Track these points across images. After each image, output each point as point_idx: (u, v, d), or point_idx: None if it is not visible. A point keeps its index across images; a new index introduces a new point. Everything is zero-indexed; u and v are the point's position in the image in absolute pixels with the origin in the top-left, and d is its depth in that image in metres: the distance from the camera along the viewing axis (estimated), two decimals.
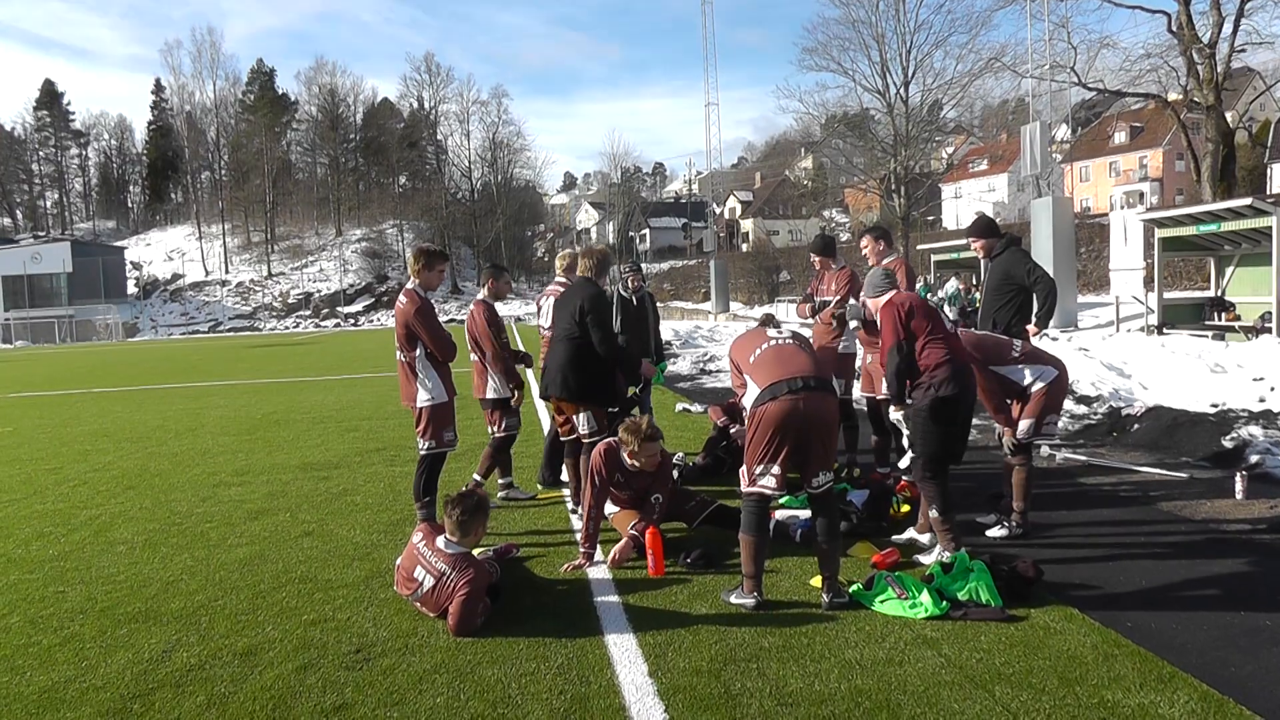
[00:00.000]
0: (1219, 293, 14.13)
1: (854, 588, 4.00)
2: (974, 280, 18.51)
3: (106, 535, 5.76)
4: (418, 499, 5.27)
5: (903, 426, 4.56)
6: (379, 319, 66.66)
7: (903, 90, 37.22)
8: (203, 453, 9.01)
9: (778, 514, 5.00)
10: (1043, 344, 5.62)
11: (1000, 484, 5.50)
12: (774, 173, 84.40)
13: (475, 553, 4.20)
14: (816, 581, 4.09)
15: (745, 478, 3.98)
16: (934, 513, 4.42)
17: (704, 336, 24.32)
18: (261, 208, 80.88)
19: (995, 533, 4.97)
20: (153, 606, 4.31)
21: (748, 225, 79.70)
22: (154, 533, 5.77)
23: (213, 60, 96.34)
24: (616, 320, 6.85)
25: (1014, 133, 48.09)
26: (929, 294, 20.53)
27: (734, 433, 6.87)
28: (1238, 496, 5.56)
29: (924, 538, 4.80)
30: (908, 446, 4.60)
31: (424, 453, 5.24)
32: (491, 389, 6.01)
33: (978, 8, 50.64)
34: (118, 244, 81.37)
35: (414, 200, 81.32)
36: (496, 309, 6.15)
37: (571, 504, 5.87)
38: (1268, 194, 30.86)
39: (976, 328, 5.81)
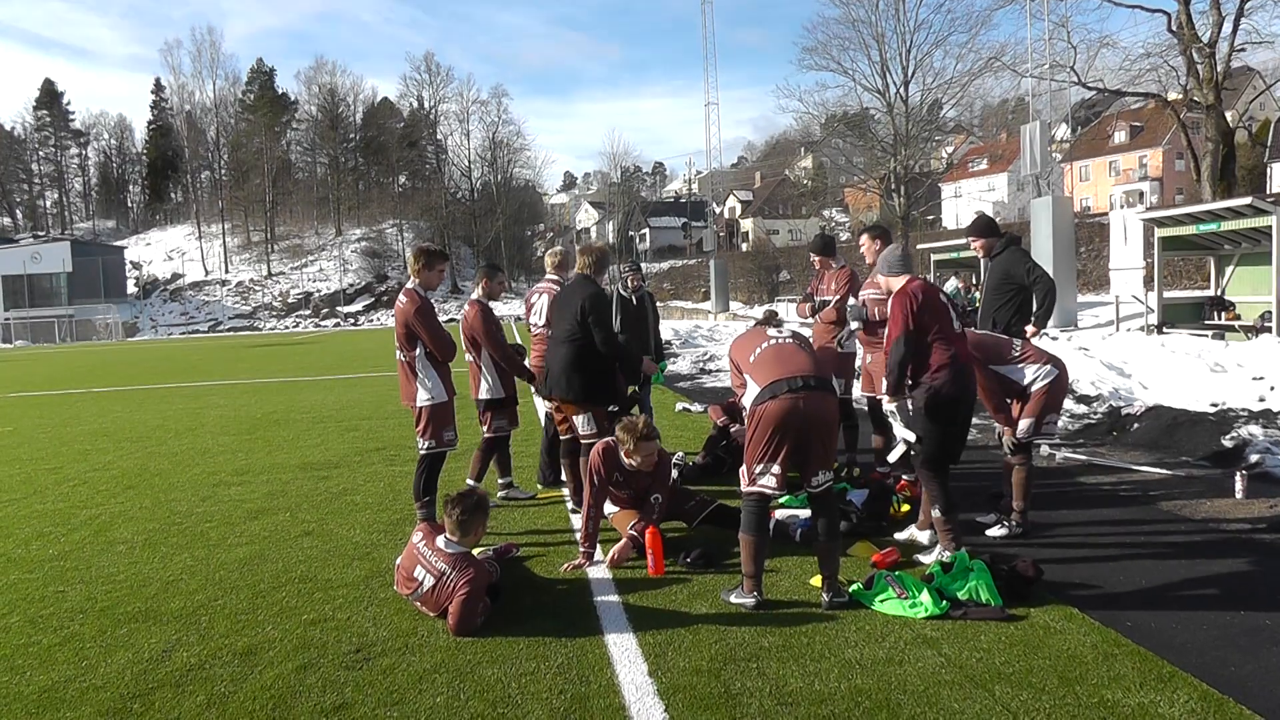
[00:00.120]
0: (1219, 292, 14.12)
1: (854, 587, 4.00)
2: (974, 280, 18.50)
3: (106, 535, 5.77)
4: (417, 498, 5.27)
5: (894, 419, 4.52)
6: (379, 319, 66.66)
7: (902, 90, 37.30)
8: (202, 452, 9.02)
9: (778, 514, 5.00)
10: (1042, 343, 5.61)
11: (1000, 484, 5.50)
12: (774, 172, 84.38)
13: (475, 552, 4.21)
14: (816, 581, 4.09)
15: (745, 477, 3.98)
16: (936, 512, 4.42)
17: (704, 336, 24.31)
18: (261, 207, 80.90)
19: (995, 532, 4.97)
20: (153, 606, 4.31)
21: (748, 225, 79.70)
22: (154, 532, 5.78)
23: (213, 60, 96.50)
24: (616, 320, 6.85)
25: (1014, 132, 48.13)
26: None
27: (734, 432, 6.87)
28: (1238, 496, 5.56)
29: (924, 535, 4.80)
30: (897, 438, 4.55)
31: (424, 452, 5.24)
32: (485, 389, 5.98)
33: (977, 7, 50.86)
34: (117, 244, 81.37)
35: (414, 200, 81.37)
36: (492, 309, 6.13)
37: (571, 504, 5.87)
38: (1267, 193, 30.82)
39: (976, 327, 5.81)
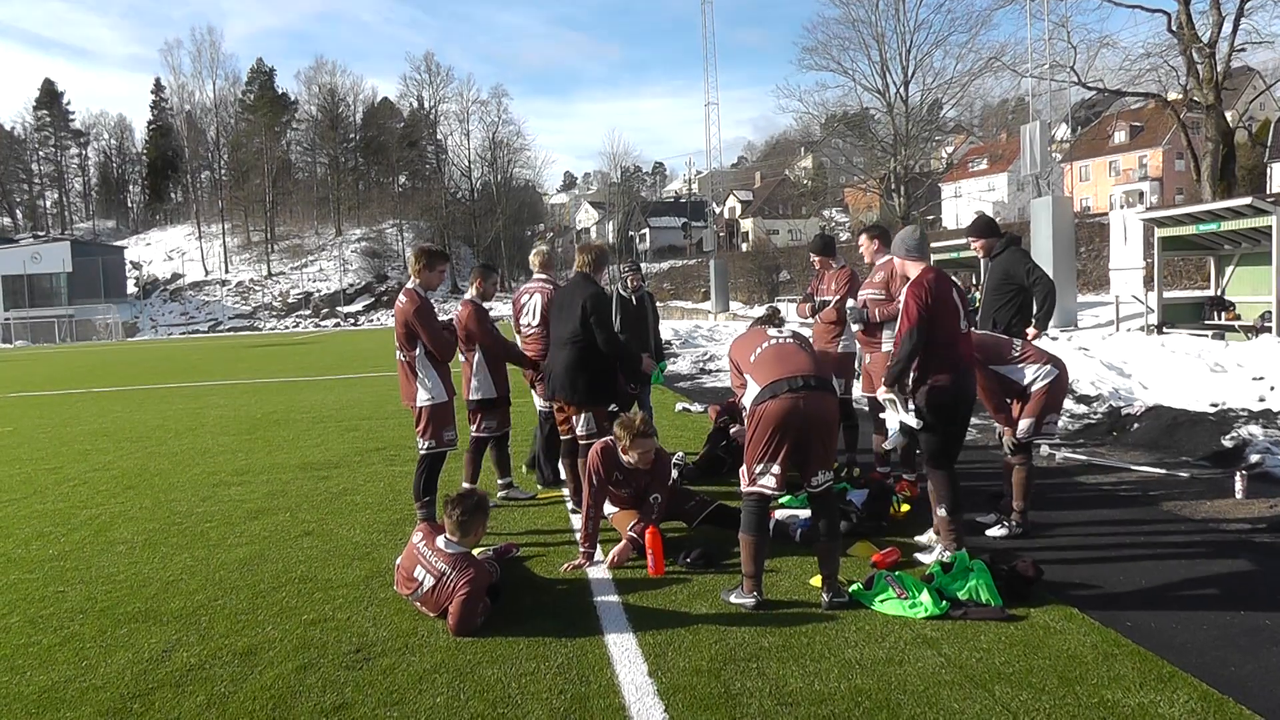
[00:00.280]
0: (1219, 292, 14.12)
1: (854, 587, 4.00)
2: (974, 280, 18.49)
3: (106, 535, 5.77)
4: (417, 499, 5.27)
5: (891, 408, 4.45)
6: (379, 319, 66.67)
7: (902, 90, 37.38)
8: (202, 452, 9.02)
9: (778, 514, 4.99)
10: (1042, 344, 5.61)
11: (1000, 484, 5.50)
12: (774, 172, 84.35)
13: (475, 552, 4.21)
14: (816, 581, 4.09)
15: (745, 477, 3.98)
16: (941, 511, 4.41)
17: (704, 336, 24.30)
18: (261, 207, 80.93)
19: (995, 532, 4.97)
20: (152, 606, 4.31)
21: (747, 225, 79.69)
22: (154, 532, 5.78)
23: (212, 60, 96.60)
24: (616, 320, 6.85)
25: (1014, 132, 48.11)
26: None
27: (734, 432, 6.87)
28: (1238, 496, 5.56)
29: (930, 537, 4.77)
30: (890, 428, 4.50)
31: (424, 452, 5.24)
32: (474, 390, 5.99)
33: (977, 7, 50.90)
34: (117, 244, 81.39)
35: (414, 200, 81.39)
36: (485, 309, 6.14)
37: (571, 504, 5.87)
38: (1267, 193, 30.82)
39: (976, 327, 5.81)
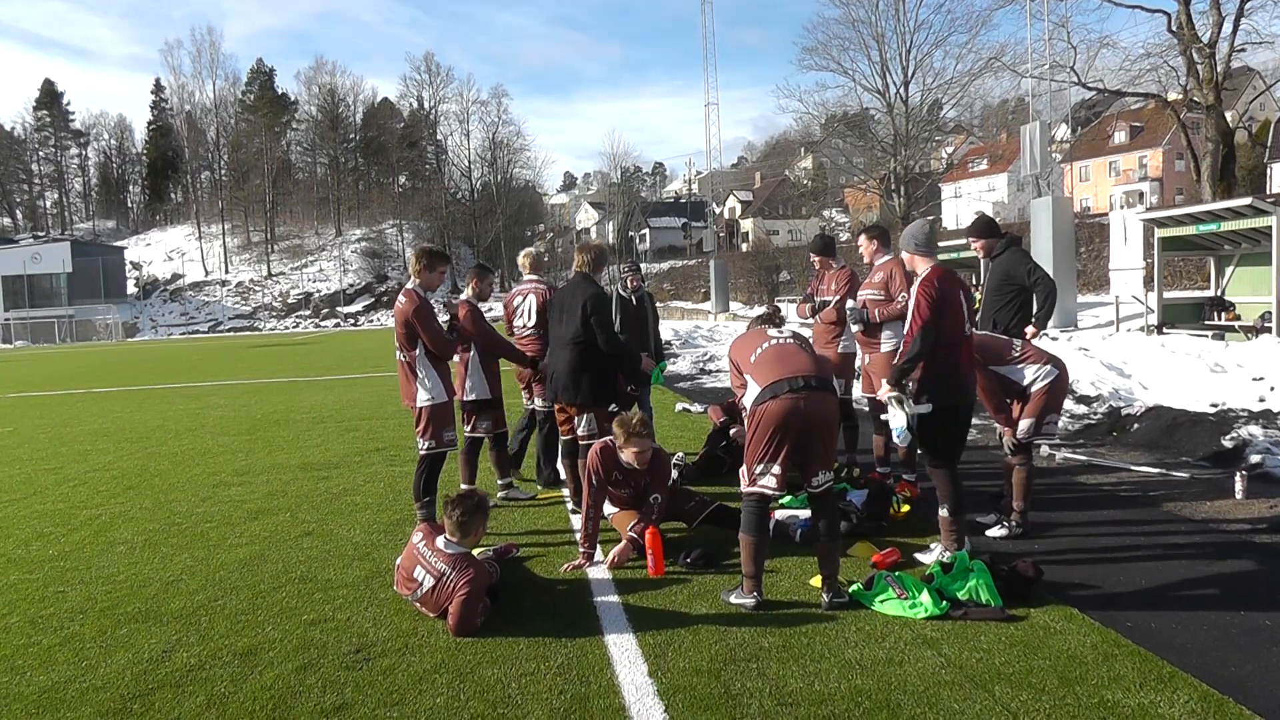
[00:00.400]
0: (1219, 292, 14.11)
1: (854, 588, 4.00)
2: (974, 280, 18.49)
3: (106, 535, 5.77)
4: (418, 499, 5.27)
5: (895, 407, 4.39)
6: (379, 319, 66.65)
7: (902, 90, 37.34)
8: (203, 453, 9.02)
9: (778, 514, 5.00)
10: (1042, 344, 5.61)
11: (1000, 484, 5.50)
12: (774, 173, 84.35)
13: (475, 553, 4.21)
14: (816, 581, 4.09)
15: (745, 477, 3.98)
16: (944, 511, 4.40)
17: (704, 336, 24.30)
18: (261, 208, 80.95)
19: (995, 533, 4.97)
20: (153, 606, 4.31)
21: (747, 225, 79.69)
22: (154, 533, 5.78)
23: (212, 60, 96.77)
24: (616, 320, 6.86)
25: (1014, 132, 48.10)
26: None
27: (734, 433, 6.87)
28: (1238, 496, 5.56)
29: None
30: (895, 426, 4.42)
31: (424, 453, 5.24)
32: (469, 391, 6.00)
33: (977, 7, 50.77)
34: (117, 244, 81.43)
35: (414, 200, 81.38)
36: (481, 309, 6.18)
37: (571, 504, 5.87)
38: (1267, 194, 30.82)
39: (977, 328, 5.81)
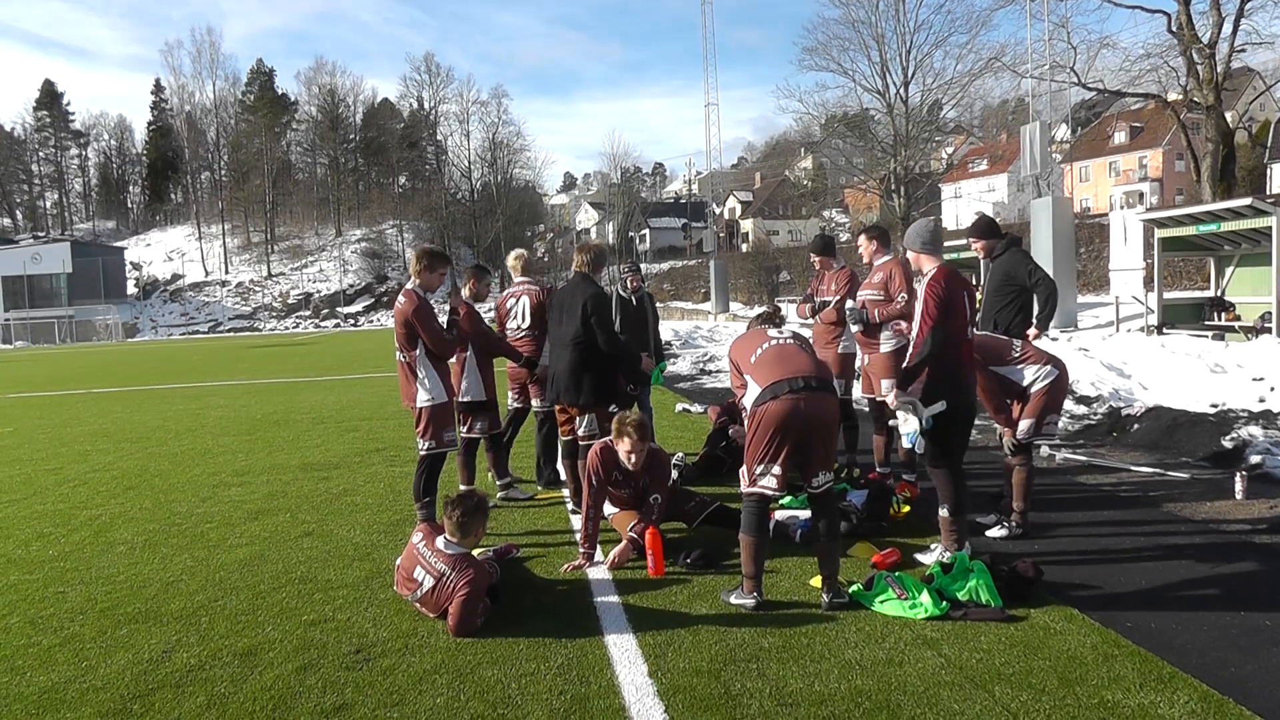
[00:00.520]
0: (1219, 293, 14.11)
1: (854, 588, 4.00)
2: (974, 280, 18.52)
3: (106, 536, 5.77)
4: (417, 499, 5.27)
5: (906, 412, 4.34)
6: (379, 319, 66.64)
7: (903, 90, 37.31)
8: (203, 453, 9.02)
9: (778, 514, 5.00)
10: (1042, 344, 5.61)
11: (1001, 484, 5.50)
12: (774, 173, 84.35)
13: (475, 553, 4.21)
14: (816, 582, 4.09)
15: (745, 478, 3.98)
16: (944, 511, 4.39)
17: (704, 336, 24.30)
18: (261, 208, 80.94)
19: (995, 533, 4.97)
20: (153, 607, 4.31)
21: (747, 225, 79.69)
22: (154, 533, 5.78)
23: (212, 60, 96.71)
24: (616, 320, 6.86)
25: (1014, 133, 48.07)
26: None
27: (733, 433, 6.87)
28: (1238, 496, 5.56)
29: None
30: (908, 429, 4.37)
31: (424, 453, 5.24)
32: (465, 391, 6.01)
33: (978, 8, 50.60)
34: (117, 244, 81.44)
35: (414, 200, 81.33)
36: (478, 310, 6.19)
37: (571, 505, 5.87)
38: (1267, 194, 30.84)
39: (977, 328, 5.80)
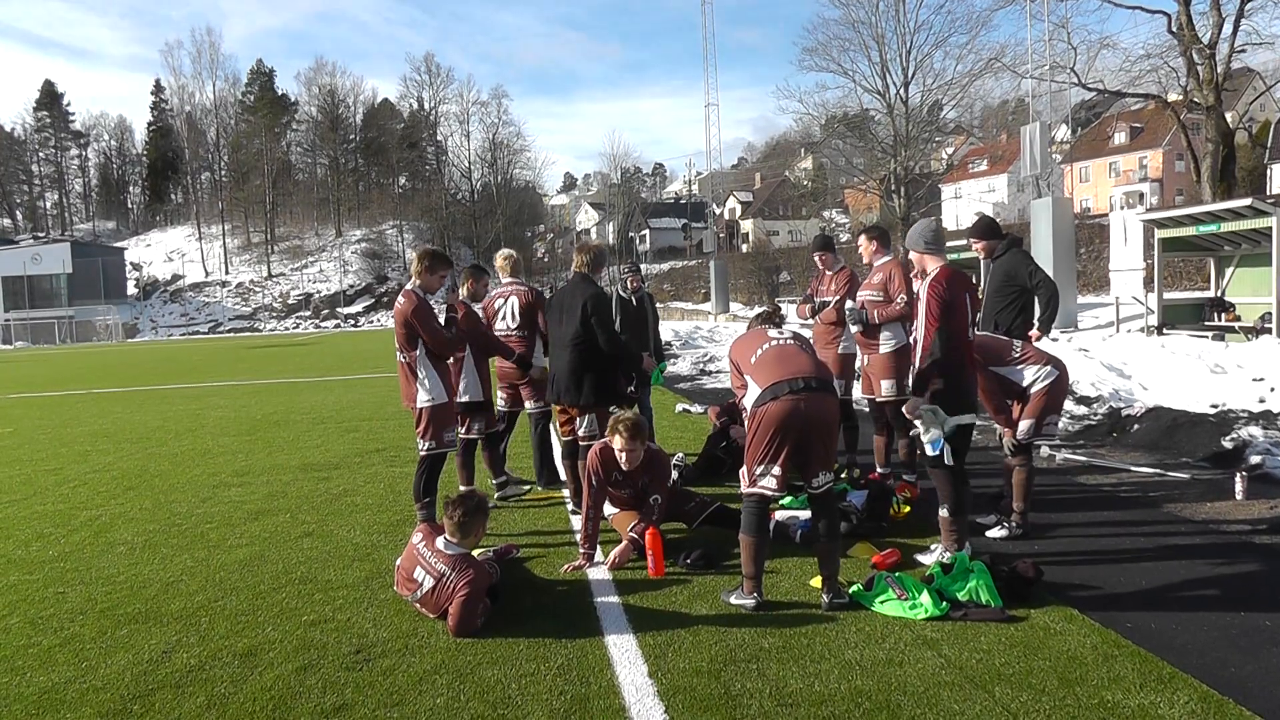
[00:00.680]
0: (1219, 293, 14.12)
1: (854, 588, 4.00)
2: (975, 281, 18.53)
3: (106, 536, 5.76)
4: (418, 500, 5.27)
5: (927, 419, 4.28)
6: (379, 320, 66.60)
7: (903, 91, 37.29)
8: (203, 453, 9.02)
9: (778, 514, 4.99)
10: (1042, 345, 5.62)
11: (1001, 485, 5.50)
12: (774, 173, 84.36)
13: (475, 553, 4.21)
14: (816, 582, 4.09)
15: (745, 478, 3.98)
16: (944, 511, 4.39)
17: (704, 337, 24.31)
18: (261, 208, 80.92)
19: (995, 533, 4.97)
20: (152, 607, 4.31)
21: (747, 226, 79.70)
22: (154, 534, 5.78)
23: (212, 61, 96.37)
24: (616, 320, 6.87)
25: (1014, 133, 48.04)
26: None
27: (733, 433, 6.87)
28: (1238, 497, 5.56)
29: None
30: (931, 437, 4.28)
31: (424, 453, 5.24)
32: (463, 392, 6.00)
33: (978, 8, 50.50)
34: (118, 245, 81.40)
35: (414, 201, 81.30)
36: (475, 310, 6.19)
37: (571, 505, 5.87)
38: (1268, 194, 30.84)
39: (978, 329, 5.80)
